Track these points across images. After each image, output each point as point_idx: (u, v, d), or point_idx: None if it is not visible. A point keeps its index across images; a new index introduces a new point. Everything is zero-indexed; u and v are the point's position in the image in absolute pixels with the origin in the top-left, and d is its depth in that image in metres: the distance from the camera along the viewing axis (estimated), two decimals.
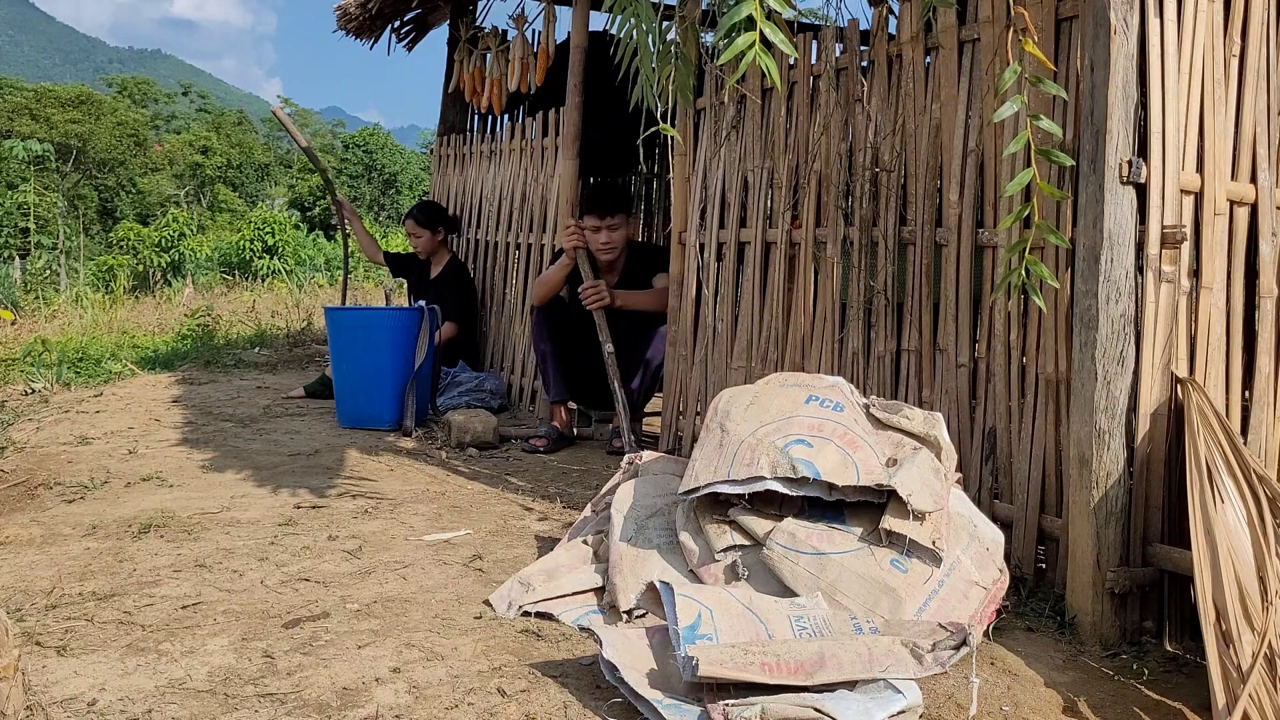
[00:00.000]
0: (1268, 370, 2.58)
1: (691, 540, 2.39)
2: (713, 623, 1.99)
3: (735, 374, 3.68)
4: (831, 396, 2.48)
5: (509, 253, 5.60)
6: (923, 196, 2.96)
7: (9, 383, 5.91)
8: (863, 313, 3.18)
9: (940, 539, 2.24)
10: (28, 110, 35.37)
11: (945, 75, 2.88)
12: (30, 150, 17.31)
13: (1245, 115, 2.54)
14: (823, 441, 2.35)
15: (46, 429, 4.41)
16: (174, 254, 18.69)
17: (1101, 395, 2.34)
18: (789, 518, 2.35)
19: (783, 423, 2.40)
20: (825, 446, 2.34)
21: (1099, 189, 2.34)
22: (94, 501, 3.22)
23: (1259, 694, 1.83)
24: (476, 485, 3.65)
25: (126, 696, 1.83)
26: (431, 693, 1.90)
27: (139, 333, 8.94)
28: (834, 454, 2.31)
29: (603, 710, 1.85)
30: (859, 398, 2.52)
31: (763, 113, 3.60)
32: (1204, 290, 2.46)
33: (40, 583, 2.43)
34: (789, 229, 3.47)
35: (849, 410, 2.44)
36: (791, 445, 2.33)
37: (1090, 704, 2.05)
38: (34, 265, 15.43)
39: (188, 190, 37.35)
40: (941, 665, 1.90)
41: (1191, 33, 2.43)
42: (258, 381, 6.11)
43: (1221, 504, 2.14)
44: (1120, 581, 2.33)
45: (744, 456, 2.34)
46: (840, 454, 2.32)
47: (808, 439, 2.35)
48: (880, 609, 2.18)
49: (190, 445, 4.15)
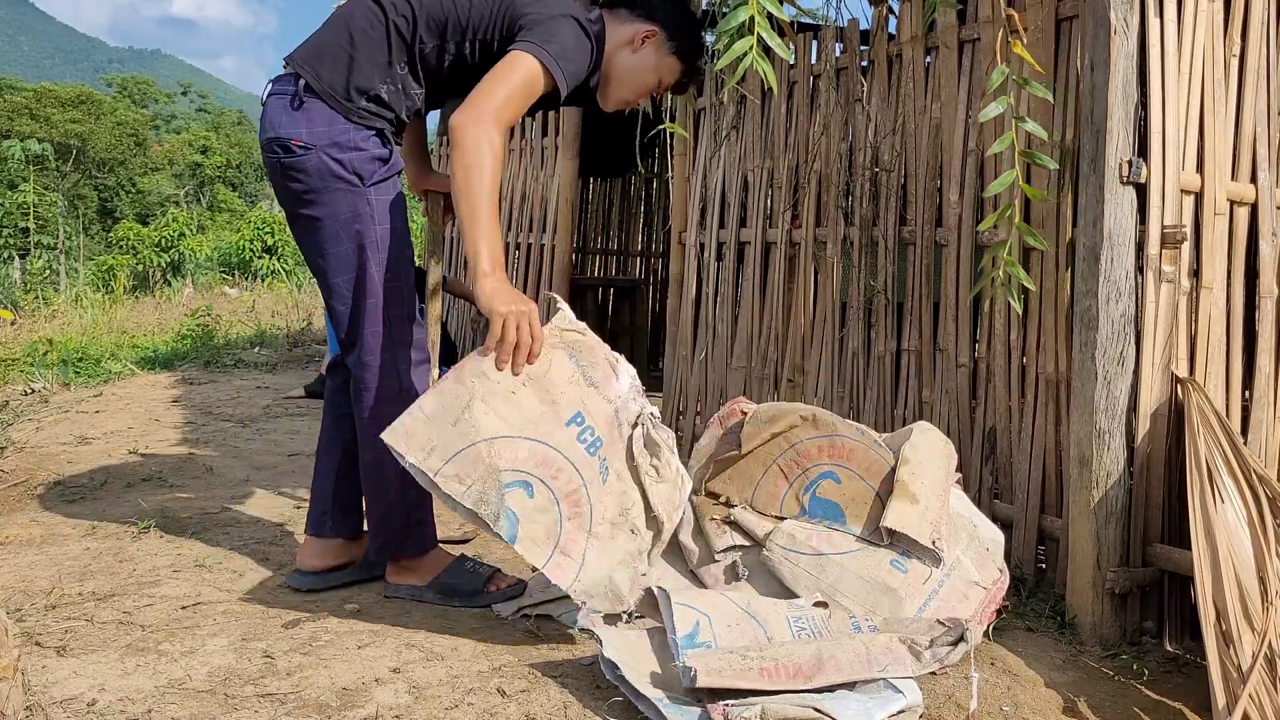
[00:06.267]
0: (1268, 370, 2.58)
1: (691, 541, 2.39)
2: (711, 629, 1.99)
3: (735, 374, 3.68)
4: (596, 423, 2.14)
5: (510, 253, 5.61)
6: (923, 196, 2.96)
7: (9, 383, 5.91)
8: (863, 313, 3.18)
9: (940, 539, 2.24)
10: (28, 110, 35.36)
11: (945, 75, 2.88)
12: (30, 150, 17.32)
13: (1245, 115, 2.54)
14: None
15: (46, 429, 4.41)
16: (174, 254, 18.70)
17: (1101, 395, 2.34)
18: (789, 519, 2.35)
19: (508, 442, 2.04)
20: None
21: (1099, 189, 2.34)
22: (94, 501, 3.22)
23: (1259, 694, 1.83)
24: None
25: (126, 696, 1.83)
26: (431, 693, 1.90)
27: (139, 333, 8.95)
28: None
29: (603, 710, 1.85)
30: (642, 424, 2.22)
31: (763, 112, 3.60)
32: (1204, 290, 2.46)
33: (40, 583, 2.42)
34: (789, 229, 3.47)
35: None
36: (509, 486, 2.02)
37: (1090, 704, 2.05)
38: (34, 265, 15.44)
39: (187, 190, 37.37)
40: (940, 661, 1.90)
41: (1191, 33, 2.43)
42: (258, 381, 6.11)
43: (1221, 504, 2.13)
44: (1120, 582, 2.33)
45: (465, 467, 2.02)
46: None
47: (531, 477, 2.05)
48: (880, 609, 2.18)
49: (190, 445, 4.15)
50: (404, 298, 2.32)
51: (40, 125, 33.74)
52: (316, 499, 2.51)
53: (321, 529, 2.48)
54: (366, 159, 2.25)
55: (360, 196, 2.25)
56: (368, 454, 2.35)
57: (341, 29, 2.28)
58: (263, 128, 2.29)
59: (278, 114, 2.24)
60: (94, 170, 35.33)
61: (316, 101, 2.23)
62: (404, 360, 2.32)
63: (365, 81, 2.25)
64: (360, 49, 2.25)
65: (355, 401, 2.35)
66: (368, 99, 2.26)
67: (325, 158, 2.22)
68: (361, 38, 2.26)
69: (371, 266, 2.27)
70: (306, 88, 2.23)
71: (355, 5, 2.31)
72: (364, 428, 2.34)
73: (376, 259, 2.27)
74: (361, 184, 2.25)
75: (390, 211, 2.29)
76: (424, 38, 2.29)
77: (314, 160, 2.22)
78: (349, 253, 2.26)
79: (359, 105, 2.25)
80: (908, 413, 3.01)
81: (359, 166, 2.24)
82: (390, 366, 2.30)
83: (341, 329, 2.33)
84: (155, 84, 67.04)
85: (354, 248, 2.26)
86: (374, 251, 2.27)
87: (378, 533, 2.40)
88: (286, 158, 2.23)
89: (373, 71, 2.26)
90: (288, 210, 2.33)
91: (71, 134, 34.40)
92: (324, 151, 2.22)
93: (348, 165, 2.23)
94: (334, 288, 2.30)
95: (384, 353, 2.30)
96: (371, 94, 2.26)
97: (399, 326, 2.31)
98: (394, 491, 2.35)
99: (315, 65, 2.25)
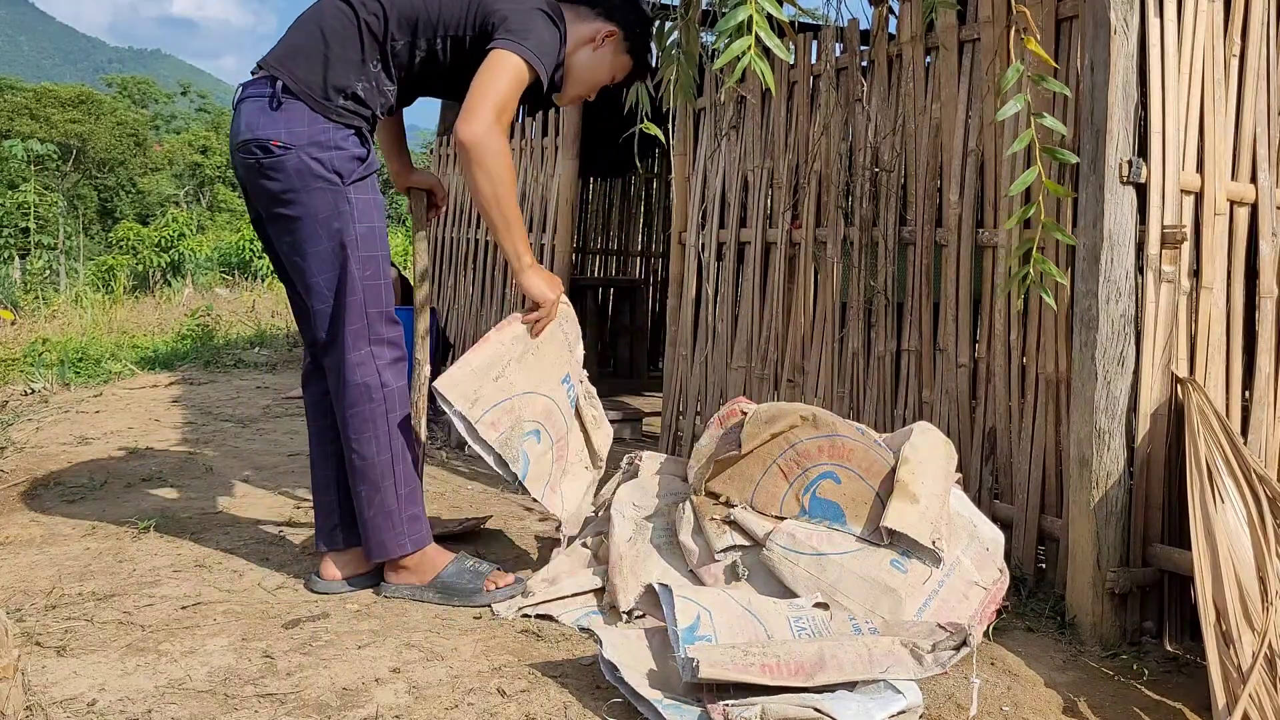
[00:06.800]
0: (1268, 370, 2.58)
1: (691, 540, 2.39)
2: (712, 624, 1.99)
3: (735, 374, 3.68)
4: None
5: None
6: (923, 196, 2.96)
7: (9, 383, 5.91)
8: (863, 313, 3.18)
9: (941, 539, 2.24)
10: (28, 110, 35.35)
11: (945, 75, 2.88)
12: (31, 150, 17.32)
13: (1245, 115, 2.54)
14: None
15: (46, 429, 4.41)
16: (174, 254, 18.69)
17: (1101, 395, 2.34)
18: (789, 518, 2.35)
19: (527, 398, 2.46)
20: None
21: (1099, 189, 2.34)
22: (94, 501, 3.22)
23: (1259, 694, 1.83)
24: (476, 485, 3.65)
25: (126, 696, 1.83)
26: (431, 693, 1.90)
27: (139, 333, 8.95)
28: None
29: (603, 710, 1.85)
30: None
31: (763, 113, 3.60)
32: (1204, 290, 2.46)
33: (40, 583, 2.42)
34: (789, 229, 3.47)
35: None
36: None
37: (1090, 704, 2.05)
38: (34, 265, 15.44)
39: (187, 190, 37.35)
40: (941, 666, 1.90)
41: (1191, 33, 2.43)
42: (258, 381, 6.11)
43: (1221, 504, 2.13)
44: (1120, 582, 2.33)
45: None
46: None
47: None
48: (880, 609, 2.18)
49: (190, 445, 4.15)
50: (383, 296, 2.33)
51: (40, 125, 33.73)
52: (323, 513, 2.50)
53: (335, 542, 2.48)
54: (346, 158, 2.26)
55: (340, 195, 2.25)
56: (353, 455, 2.35)
57: (313, 29, 2.29)
58: (236, 131, 2.28)
59: (254, 116, 2.23)
60: (94, 170, 35.31)
61: (295, 102, 2.23)
62: (382, 356, 2.33)
63: (341, 80, 2.26)
64: (333, 48, 2.26)
65: (337, 401, 2.36)
66: (345, 97, 2.27)
67: (305, 157, 2.22)
68: (334, 37, 2.27)
69: (352, 264, 2.27)
70: (284, 89, 2.23)
71: (324, 5, 2.32)
72: (348, 426, 2.35)
73: (357, 257, 2.28)
74: (341, 182, 2.25)
75: (370, 209, 2.30)
76: (395, 35, 2.31)
77: (293, 160, 2.21)
78: (329, 251, 2.27)
79: (337, 104, 2.26)
80: (908, 413, 3.01)
81: (339, 165, 2.25)
82: (370, 364, 2.31)
83: (321, 329, 2.33)
84: (155, 84, 67.01)
85: (335, 246, 2.26)
86: (354, 250, 2.27)
87: (371, 533, 2.39)
88: (265, 158, 2.22)
89: (347, 70, 2.27)
90: (263, 212, 2.32)
91: (71, 134, 34.37)
92: (303, 151, 2.22)
93: (327, 164, 2.23)
94: (313, 287, 2.30)
95: (364, 349, 2.31)
96: (349, 92, 2.27)
97: (378, 324, 2.32)
98: (384, 490, 2.35)
99: (290, 66, 2.25)
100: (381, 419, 2.34)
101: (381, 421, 2.34)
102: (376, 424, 2.33)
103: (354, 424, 2.32)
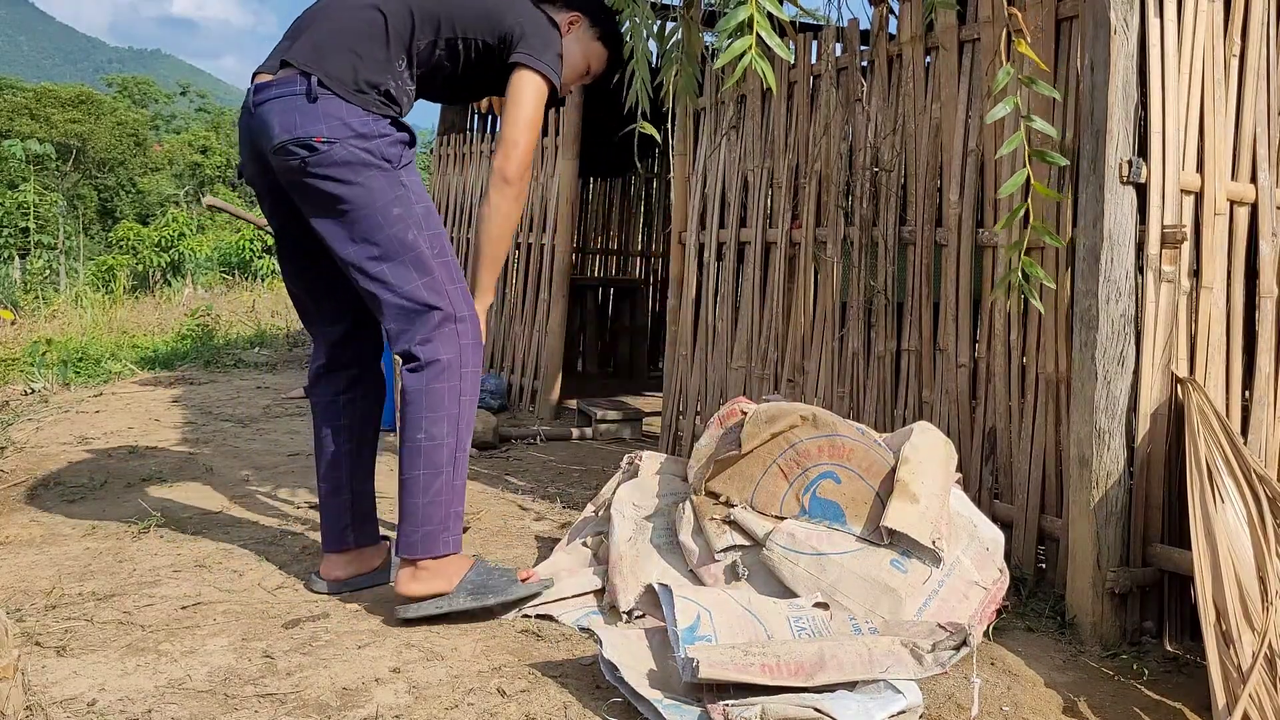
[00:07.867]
0: (1268, 370, 2.58)
1: (691, 540, 2.39)
2: (712, 624, 1.99)
3: (735, 374, 3.68)
4: None
5: (511, 253, 5.60)
6: (923, 196, 2.96)
7: (9, 383, 5.91)
8: (863, 313, 3.18)
9: (941, 539, 2.24)
10: (28, 110, 35.33)
11: (945, 75, 2.88)
12: (32, 151, 17.31)
13: (1245, 115, 2.54)
14: None
15: (46, 429, 4.41)
16: (174, 254, 18.68)
17: (1101, 395, 2.34)
18: (789, 518, 2.35)
19: None
20: None
21: (1099, 189, 2.34)
22: (94, 501, 3.22)
23: (1259, 694, 1.83)
24: (476, 485, 3.65)
25: (126, 696, 1.83)
26: (431, 693, 1.90)
27: (139, 333, 8.94)
28: None
29: (603, 710, 1.85)
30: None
31: (763, 112, 3.60)
32: (1204, 290, 2.46)
33: (40, 583, 2.42)
34: (789, 229, 3.47)
35: None
36: None
37: (1090, 704, 2.05)
38: (34, 265, 15.43)
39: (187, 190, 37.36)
40: (942, 666, 1.89)
41: (1191, 33, 2.43)
42: (258, 381, 6.11)
43: (1221, 504, 2.13)
44: (1120, 581, 2.33)
45: None
46: None
47: None
48: (880, 609, 2.18)
49: (190, 445, 4.15)
50: (454, 272, 2.30)
51: (40, 125, 33.72)
52: (332, 516, 2.46)
53: (344, 543, 2.46)
54: (390, 143, 2.25)
55: (394, 179, 2.24)
56: (418, 436, 2.22)
57: (336, 27, 2.28)
58: (267, 135, 2.21)
59: (288, 115, 2.19)
60: (94, 170, 35.30)
61: (332, 96, 2.21)
62: (466, 335, 2.28)
63: (373, 76, 2.26)
64: (361, 46, 2.26)
65: (410, 382, 2.24)
66: (378, 93, 2.27)
67: (353, 148, 2.19)
68: (359, 36, 2.27)
69: (423, 245, 2.25)
70: (320, 84, 2.20)
71: (343, 4, 2.32)
72: (420, 406, 2.22)
73: (424, 236, 2.26)
74: (392, 167, 2.25)
75: (421, 190, 2.30)
76: (419, 34, 2.31)
77: (340, 152, 2.18)
78: (395, 236, 2.23)
79: (373, 97, 2.26)
80: (908, 413, 3.01)
81: (386, 152, 2.24)
82: (454, 342, 2.25)
83: (392, 318, 2.25)
84: (155, 84, 66.98)
85: (400, 230, 2.23)
86: (420, 230, 2.26)
87: (420, 524, 2.23)
88: (310, 156, 2.17)
89: (375, 67, 2.27)
90: (315, 211, 2.24)
91: (71, 134, 34.36)
92: (349, 143, 2.19)
93: (376, 152, 2.22)
94: (380, 276, 2.23)
95: (450, 326, 2.25)
96: (381, 88, 2.28)
97: (459, 302, 2.28)
98: (443, 475, 2.23)
99: (321, 63, 2.23)
100: (455, 401, 2.24)
101: (454, 404, 2.24)
102: (450, 405, 2.23)
103: (429, 401, 2.21)
